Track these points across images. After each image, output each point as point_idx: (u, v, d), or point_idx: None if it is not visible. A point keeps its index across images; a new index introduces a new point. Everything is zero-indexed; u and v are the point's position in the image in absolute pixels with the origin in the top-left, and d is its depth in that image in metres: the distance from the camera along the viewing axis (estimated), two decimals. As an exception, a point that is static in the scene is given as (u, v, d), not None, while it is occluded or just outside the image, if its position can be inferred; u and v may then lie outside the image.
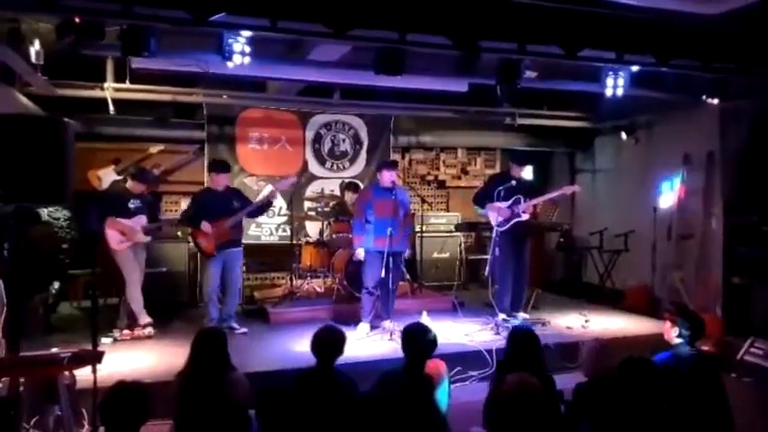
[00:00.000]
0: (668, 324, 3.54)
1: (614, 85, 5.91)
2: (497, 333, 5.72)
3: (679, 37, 5.30)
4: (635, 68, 5.76)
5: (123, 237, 5.59)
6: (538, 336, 3.53)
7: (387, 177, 5.79)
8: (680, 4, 4.49)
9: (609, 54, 5.35)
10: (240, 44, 4.78)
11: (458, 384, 4.81)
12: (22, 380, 3.59)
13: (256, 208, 6.01)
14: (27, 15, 4.66)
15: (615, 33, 5.07)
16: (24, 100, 5.93)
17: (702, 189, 7.05)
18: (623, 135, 8.15)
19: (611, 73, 5.83)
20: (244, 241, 6.16)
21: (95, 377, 3.61)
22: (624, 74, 5.84)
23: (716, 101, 6.40)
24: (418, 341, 3.31)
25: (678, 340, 3.49)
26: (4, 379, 3.63)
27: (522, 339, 3.52)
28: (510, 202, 6.13)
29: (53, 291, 6.28)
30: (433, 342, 3.35)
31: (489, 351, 5.16)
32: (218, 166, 5.97)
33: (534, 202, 6.25)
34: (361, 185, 7.63)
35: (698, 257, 7.06)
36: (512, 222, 6.12)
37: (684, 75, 5.95)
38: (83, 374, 3.71)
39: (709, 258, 6.95)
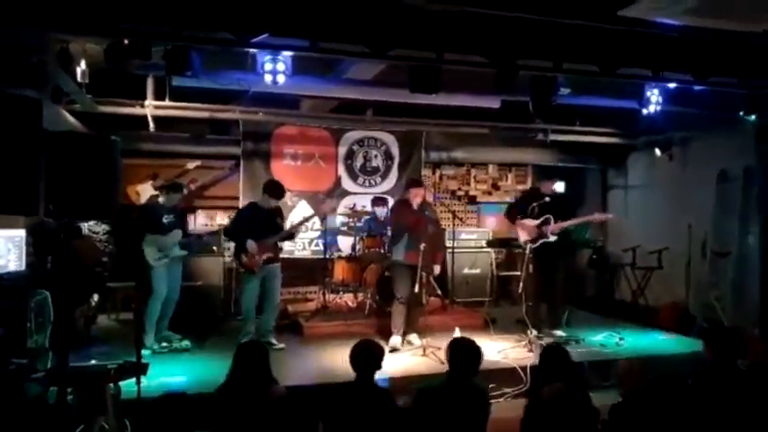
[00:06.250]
0: None
1: (651, 102, 5.88)
2: (531, 350, 5.68)
3: (716, 54, 5.27)
4: (672, 85, 5.74)
5: (161, 252, 5.70)
6: (568, 352, 3.55)
7: (413, 195, 5.83)
8: (719, 22, 4.46)
9: (646, 71, 5.33)
10: (278, 63, 4.91)
11: (492, 401, 4.76)
12: (69, 389, 3.70)
13: (289, 233, 6.03)
14: (79, 38, 4.84)
15: (652, 51, 5.06)
16: (69, 117, 6.13)
17: (739, 206, 6.95)
18: (657, 151, 8.08)
19: (647, 90, 5.81)
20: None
21: (139, 388, 3.71)
22: (660, 91, 5.82)
23: (753, 117, 6.33)
24: (467, 355, 3.35)
25: None
26: (52, 388, 3.75)
27: (552, 356, 3.55)
28: (539, 221, 6.11)
29: (93, 303, 6.43)
30: (480, 357, 3.38)
31: (523, 368, 5.13)
32: (277, 192, 5.83)
33: (563, 225, 6.14)
34: (390, 200, 7.69)
35: (735, 276, 6.94)
36: (539, 242, 6.09)
37: (721, 91, 5.90)
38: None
39: (747, 277, 6.83)
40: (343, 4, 4.40)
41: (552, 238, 6.08)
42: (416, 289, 5.61)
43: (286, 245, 7.62)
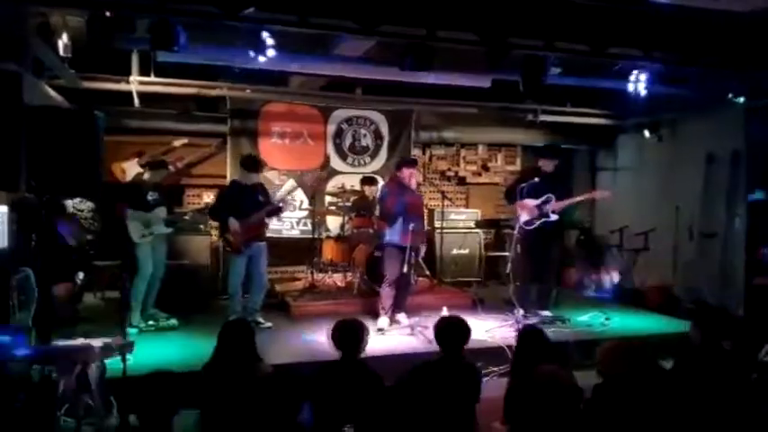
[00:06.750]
0: None
1: (639, 83, 5.86)
2: (518, 330, 5.72)
3: (707, 34, 5.24)
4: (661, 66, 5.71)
5: (145, 229, 5.64)
6: (545, 333, 3.60)
7: (407, 174, 5.77)
8: (709, 2, 4.43)
9: (636, 51, 5.30)
10: (266, 39, 4.83)
11: (479, 380, 4.82)
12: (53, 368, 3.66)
13: (275, 207, 5.95)
14: (59, 9, 4.70)
15: (643, 30, 5.03)
16: (52, 92, 6.00)
17: (726, 188, 6.99)
18: (646, 133, 8.06)
19: (636, 70, 5.78)
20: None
21: (125, 366, 3.68)
22: (650, 71, 5.80)
23: (741, 99, 6.32)
24: (455, 333, 3.37)
25: None
26: (35, 366, 3.71)
27: (528, 338, 3.59)
28: (539, 201, 6.10)
29: (78, 281, 6.36)
30: (468, 332, 3.41)
31: (510, 347, 5.16)
32: (254, 165, 5.82)
33: (564, 203, 6.15)
34: (379, 180, 7.64)
35: (720, 257, 7.01)
36: (540, 222, 6.08)
37: (711, 72, 5.88)
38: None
39: (732, 258, 6.89)
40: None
41: (554, 218, 6.08)
42: (405, 269, 5.63)
43: (274, 224, 7.62)
